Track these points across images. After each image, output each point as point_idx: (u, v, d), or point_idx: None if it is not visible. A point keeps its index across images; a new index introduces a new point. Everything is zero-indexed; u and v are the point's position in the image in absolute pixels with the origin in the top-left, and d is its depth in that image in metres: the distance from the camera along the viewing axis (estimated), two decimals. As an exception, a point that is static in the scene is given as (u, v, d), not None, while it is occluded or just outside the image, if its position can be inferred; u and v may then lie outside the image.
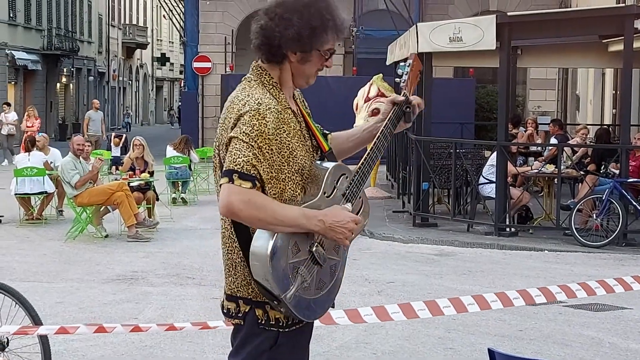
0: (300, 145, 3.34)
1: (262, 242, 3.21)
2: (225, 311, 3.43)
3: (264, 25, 3.34)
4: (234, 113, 3.30)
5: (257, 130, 3.21)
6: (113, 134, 27.25)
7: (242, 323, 3.37)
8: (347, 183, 3.41)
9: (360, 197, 3.48)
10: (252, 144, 3.20)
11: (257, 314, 3.34)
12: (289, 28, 3.30)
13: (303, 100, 3.60)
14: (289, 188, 3.30)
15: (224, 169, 3.23)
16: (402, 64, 3.83)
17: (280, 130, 3.27)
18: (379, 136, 3.56)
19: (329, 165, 3.40)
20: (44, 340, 5.77)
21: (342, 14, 3.42)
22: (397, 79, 3.78)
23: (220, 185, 3.23)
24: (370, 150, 3.53)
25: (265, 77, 3.39)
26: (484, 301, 5.20)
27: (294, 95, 3.51)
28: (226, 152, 3.27)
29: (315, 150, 3.47)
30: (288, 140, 3.29)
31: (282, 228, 3.19)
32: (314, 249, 3.27)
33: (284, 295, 3.19)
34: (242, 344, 3.39)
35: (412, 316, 5.12)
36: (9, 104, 31.62)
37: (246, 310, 3.35)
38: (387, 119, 3.61)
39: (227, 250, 3.39)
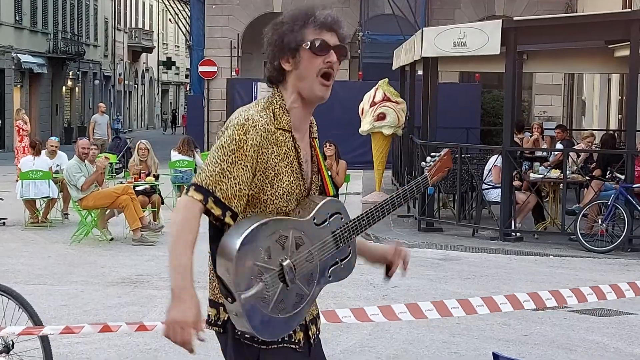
0: (289, 171, 3.24)
1: (234, 235, 3.09)
2: (206, 317, 3.32)
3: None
4: (226, 125, 3.27)
5: (236, 144, 3.12)
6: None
7: (221, 331, 3.29)
8: (340, 223, 3.30)
9: (349, 247, 3.35)
10: (225, 157, 3.12)
11: None
12: (269, 46, 3.28)
13: (316, 137, 3.49)
14: (269, 211, 3.21)
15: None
16: (433, 153, 3.88)
17: (267, 150, 3.17)
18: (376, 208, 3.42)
19: (325, 198, 3.32)
20: (45, 343, 5.77)
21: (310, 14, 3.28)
22: (423, 163, 3.76)
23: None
24: (378, 204, 3.42)
25: (275, 98, 3.30)
26: (493, 303, 5.17)
27: (311, 130, 3.41)
28: None
29: (321, 192, 3.41)
30: (275, 162, 3.19)
31: (170, 262, 3.08)
32: (285, 263, 3.12)
33: (239, 293, 3.05)
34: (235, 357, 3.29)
35: (420, 316, 5.10)
36: None
37: (225, 319, 3.25)
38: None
39: (210, 254, 3.27)
